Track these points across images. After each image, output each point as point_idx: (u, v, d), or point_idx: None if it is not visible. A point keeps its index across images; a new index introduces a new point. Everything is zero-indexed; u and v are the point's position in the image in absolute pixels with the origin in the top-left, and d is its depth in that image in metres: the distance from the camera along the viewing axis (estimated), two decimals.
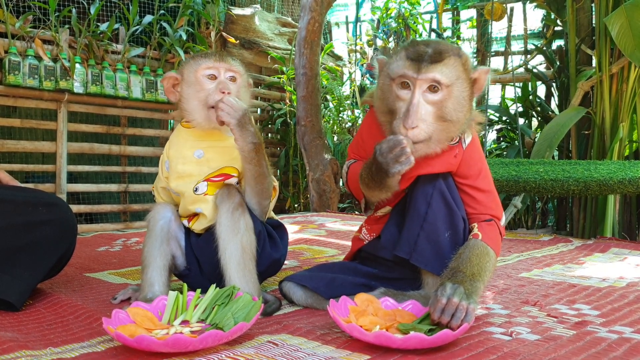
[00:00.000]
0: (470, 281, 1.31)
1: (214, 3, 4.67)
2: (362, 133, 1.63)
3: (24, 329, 1.39)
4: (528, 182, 3.12)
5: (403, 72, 1.38)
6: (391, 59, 1.44)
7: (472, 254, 1.38)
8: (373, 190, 1.45)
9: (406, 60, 1.39)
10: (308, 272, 1.67)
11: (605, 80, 4.04)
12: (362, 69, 6.58)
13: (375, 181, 1.40)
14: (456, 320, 1.22)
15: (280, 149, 5.47)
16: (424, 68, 1.36)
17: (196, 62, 1.62)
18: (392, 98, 1.41)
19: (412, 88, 1.37)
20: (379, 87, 1.48)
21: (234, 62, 1.64)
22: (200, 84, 1.59)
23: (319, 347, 1.23)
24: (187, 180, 1.63)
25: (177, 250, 1.67)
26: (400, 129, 1.36)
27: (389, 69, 1.43)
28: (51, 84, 3.68)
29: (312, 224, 3.71)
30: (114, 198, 4.33)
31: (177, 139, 1.68)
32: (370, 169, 1.40)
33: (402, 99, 1.39)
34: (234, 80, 1.62)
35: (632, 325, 1.40)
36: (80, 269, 2.22)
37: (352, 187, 1.59)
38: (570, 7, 4.35)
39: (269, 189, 1.62)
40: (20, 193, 1.67)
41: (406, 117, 1.35)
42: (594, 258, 2.50)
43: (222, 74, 1.60)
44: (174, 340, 1.14)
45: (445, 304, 1.23)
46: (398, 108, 1.39)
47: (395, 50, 1.46)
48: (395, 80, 1.40)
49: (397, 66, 1.40)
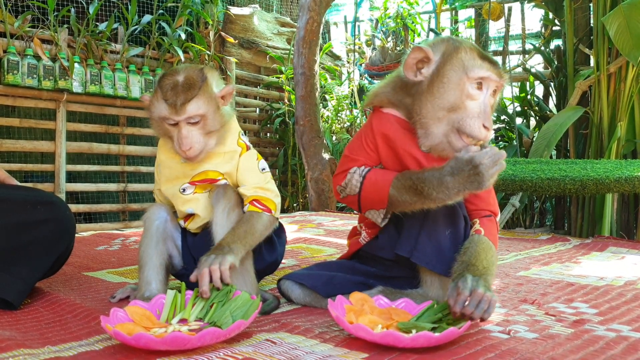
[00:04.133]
0: (484, 275, 1.29)
1: (213, 3, 4.67)
2: (375, 137, 1.51)
3: (22, 328, 1.39)
4: (525, 181, 3.13)
5: (481, 73, 1.38)
6: (461, 56, 1.41)
7: (480, 248, 1.38)
8: (427, 204, 1.38)
9: (482, 61, 1.40)
10: (306, 271, 1.67)
11: (603, 80, 4.05)
12: (360, 68, 6.59)
13: (443, 196, 1.33)
14: (479, 311, 1.21)
15: (279, 148, 5.47)
16: (499, 71, 1.41)
17: (154, 105, 1.55)
18: (460, 96, 1.39)
19: (486, 90, 1.40)
20: (443, 82, 1.40)
21: (192, 106, 1.50)
22: (163, 128, 1.56)
23: (317, 345, 1.23)
24: (175, 183, 1.64)
25: (173, 250, 1.68)
26: (481, 129, 1.37)
27: (467, 67, 1.39)
28: (50, 84, 3.68)
29: (310, 223, 3.71)
30: (112, 197, 4.33)
31: (163, 142, 1.68)
32: (439, 181, 1.32)
33: (474, 98, 1.39)
34: (196, 124, 1.53)
35: (629, 323, 1.41)
36: (79, 268, 2.22)
37: (372, 198, 1.47)
38: (568, 7, 4.36)
39: (268, 226, 1.59)
40: (19, 192, 1.67)
41: (486, 118, 1.37)
42: (592, 257, 2.50)
43: (182, 125, 1.52)
44: (172, 338, 1.14)
45: (468, 296, 1.22)
46: (466, 106, 1.38)
47: (458, 48, 1.40)
48: (471, 80, 1.38)
49: (475, 66, 1.39)
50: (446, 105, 1.38)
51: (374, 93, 1.57)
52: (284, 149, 5.34)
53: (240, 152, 1.63)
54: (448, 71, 1.39)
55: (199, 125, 1.53)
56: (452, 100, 1.38)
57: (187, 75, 1.54)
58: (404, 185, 1.39)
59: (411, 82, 1.45)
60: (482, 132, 1.37)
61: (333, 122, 5.57)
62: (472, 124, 1.36)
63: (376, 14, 6.64)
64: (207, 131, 1.55)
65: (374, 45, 6.59)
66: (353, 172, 1.49)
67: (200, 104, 1.52)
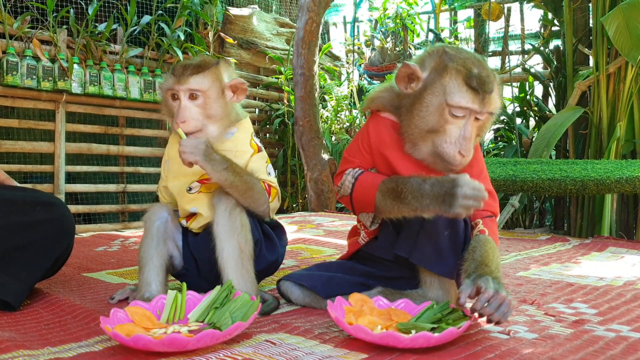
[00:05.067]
0: (497, 276, 1.30)
1: (212, 3, 4.67)
2: (370, 140, 1.54)
3: (22, 329, 1.39)
4: (525, 181, 3.13)
5: (461, 103, 1.36)
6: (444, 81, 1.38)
7: (488, 247, 1.38)
8: (404, 211, 1.39)
9: (466, 89, 1.37)
10: (306, 271, 1.67)
11: (602, 80, 4.05)
12: (360, 69, 6.59)
13: (416, 204, 1.35)
14: (500, 314, 1.21)
15: (278, 149, 5.47)
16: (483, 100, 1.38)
17: (164, 80, 1.63)
18: (439, 121, 1.38)
19: (467, 118, 1.38)
20: (423, 105, 1.40)
21: (195, 79, 1.55)
22: (168, 104, 1.61)
23: (317, 346, 1.23)
24: (183, 181, 1.64)
25: (174, 250, 1.68)
26: (456, 156, 1.38)
27: (448, 93, 1.37)
28: (49, 85, 3.68)
29: (310, 224, 3.71)
30: (112, 198, 4.32)
31: (174, 139, 1.70)
32: (418, 192, 1.34)
33: (454, 124, 1.38)
34: (195, 98, 1.57)
35: (629, 323, 1.41)
36: (78, 269, 2.22)
37: (361, 200, 1.50)
38: (567, 7, 4.36)
39: (259, 198, 1.59)
40: (18, 193, 1.67)
41: (462, 145, 1.37)
42: (592, 257, 2.50)
43: (182, 96, 1.56)
44: (170, 340, 1.14)
45: (492, 296, 1.22)
46: (445, 130, 1.38)
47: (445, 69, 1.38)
48: (451, 107, 1.37)
49: (456, 93, 1.36)
50: (426, 127, 1.40)
51: (371, 97, 1.58)
52: (283, 149, 5.34)
53: (252, 153, 1.65)
54: (429, 96, 1.39)
55: (198, 103, 1.57)
56: (431, 123, 1.39)
57: (201, 58, 1.63)
58: (387, 188, 1.42)
59: (403, 93, 1.47)
60: (457, 159, 1.38)
61: (332, 123, 5.57)
62: (448, 150, 1.38)
63: (375, 15, 6.65)
64: (208, 113, 1.57)
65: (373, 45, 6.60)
66: (348, 174, 1.53)
67: (205, 81, 1.57)
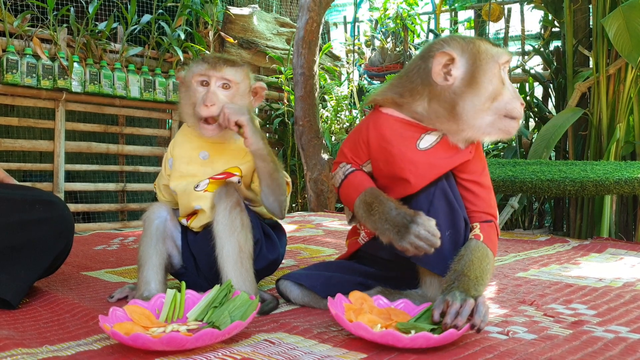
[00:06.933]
0: (475, 285, 1.32)
1: (212, 3, 4.67)
2: (368, 137, 1.53)
3: (21, 327, 1.39)
4: (525, 182, 3.13)
5: (506, 56, 1.46)
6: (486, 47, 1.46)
7: (474, 256, 1.39)
8: (369, 226, 1.44)
9: (497, 47, 1.48)
10: (305, 271, 1.67)
11: (602, 82, 4.05)
12: (360, 69, 6.59)
13: (378, 225, 1.40)
14: (479, 316, 1.23)
15: (278, 148, 5.47)
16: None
17: (192, 67, 1.61)
18: (499, 84, 1.44)
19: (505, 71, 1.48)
20: (480, 77, 1.43)
21: (229, 70, 1.57)
22: (193, 90, 1.59)
23: (316, 346, 1.23)
24: (190, 181, 1.63)
25: (173, 249, 1.68)
26: (521, 108, 1.43)
27: (496, 55, 1.44)
28: (49, 83, 3.67)
29: (309, 224, 3.71)
30: (111, 197, 4.33)
31: (182, 138, 1.68)
32: (385, 214, 1.38)
33: (505, 83, 1.45)
34: (227, 88, 1.58)
35: (628, 324, 1.41)
36: (78, 268, 2.22)
37: (345, 198, 1.55)
38: (567, 9, 4.36)
39: (283, 184, 1.62)
40: (17, 191, 1.67)
41: (518, 96, 1.44)
42: (591, 258, 2.50)
43: (213, 83, 1.57)
44: (169, 339, 1.14)
45: (459, 307, 1.24)
46: (503, 92, 1.44)
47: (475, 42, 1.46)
48: (503, 65, 1.45)
49: (501, 53, 1.46)
50: (490, 95, 1.42)
51: (376, 93, 1.58)
52: (283, 149, 5.34)
53: None
54: (484, 64, 1.43)
55: (228, 93, 1.58)
56: (493, 89, 1.43)
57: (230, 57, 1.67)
58: (365, 200, 1.45)
59: (434, 86, 1.45)
60: (522, 110, 1.44)
61: (332, 123, 5.57)
62: (515, 105, 1.43)
63: (376, 15, 6.65)
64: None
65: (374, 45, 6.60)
66: (341, 167, 1.57)
67: (238, 74, 1.60)
